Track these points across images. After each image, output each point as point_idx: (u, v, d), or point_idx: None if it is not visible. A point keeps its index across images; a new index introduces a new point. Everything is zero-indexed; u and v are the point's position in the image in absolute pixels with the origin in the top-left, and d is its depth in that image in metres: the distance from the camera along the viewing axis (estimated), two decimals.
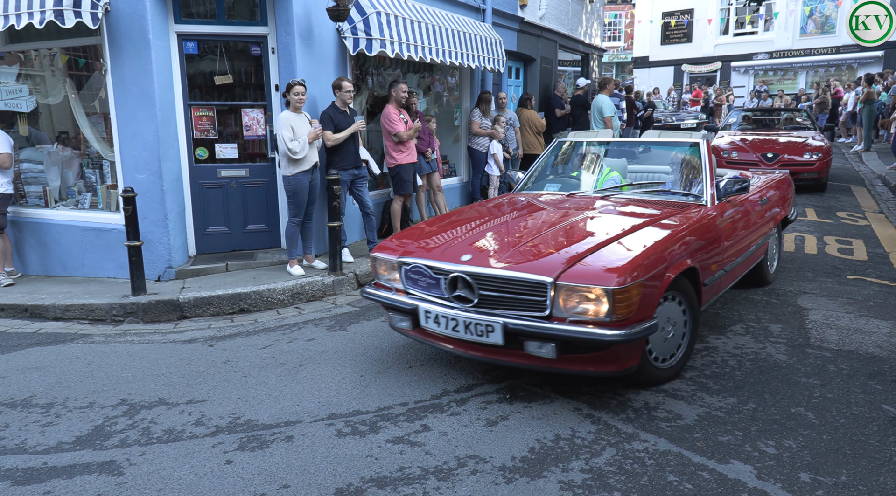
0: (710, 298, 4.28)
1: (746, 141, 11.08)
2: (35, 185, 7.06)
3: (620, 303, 3.21)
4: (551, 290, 3.30)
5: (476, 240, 3.92)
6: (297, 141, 5.92)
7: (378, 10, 6.83)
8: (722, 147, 10.85)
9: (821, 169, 10.18)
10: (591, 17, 15.88)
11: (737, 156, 10.57)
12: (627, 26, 36.31)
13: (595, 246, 3.58)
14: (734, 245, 4.47)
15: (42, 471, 3.13)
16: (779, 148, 10.57)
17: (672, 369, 3.80)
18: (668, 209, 4.27)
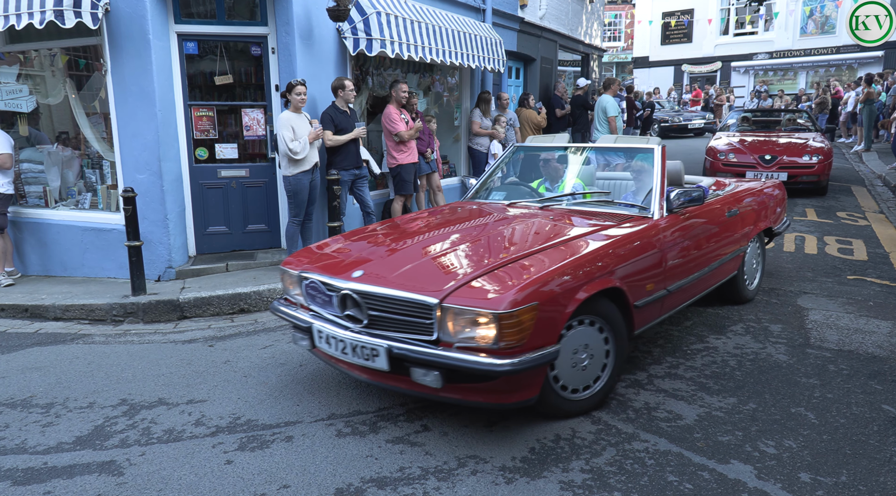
0: (648, 321, 3.87)
1: (745, 142, 10.79)
2: (35, 185, 7.06)
3: (509, 328, 2.89)
4: (437, 312, 3.00)
5: (380, 254, 3.63)
6: (298, 141, 5.92)
7: (378, 10, 6.83)
8: (719, 149, 10.64)
9: (821, 172, 9.89)
10: (592, 18, 15.89)
11: (734, 158, 10.32)
12: (627, 26, 36.32)
13: (499, 263, 3.25)
14: (685, 261, 4.10)
15: (42, 471, 3.13)
16: (777, 150, 10.28)
17: (588, 401, 3.42)
18: (606, 222, 3.92)
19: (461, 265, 3.33)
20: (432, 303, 3.00)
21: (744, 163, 10.14)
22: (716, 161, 10.44)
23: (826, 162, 9.95)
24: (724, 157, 10.40)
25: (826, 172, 9.98)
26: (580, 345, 3.33)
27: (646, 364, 4.14)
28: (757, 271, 5.44)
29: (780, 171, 9.82)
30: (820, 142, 10.56)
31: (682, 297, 4.22)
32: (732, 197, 4.95)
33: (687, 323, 4.89)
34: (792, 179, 9.76)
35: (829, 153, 10.12)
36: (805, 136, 11.09)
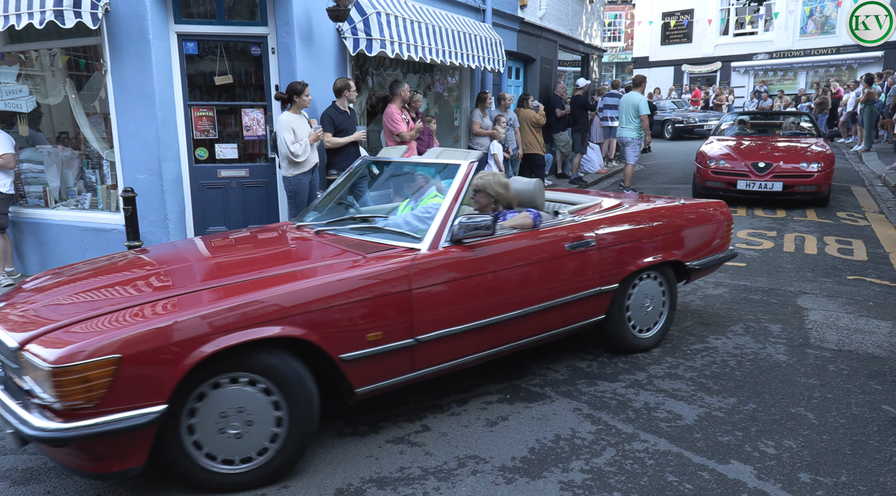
0: (382, 378, 3.15)
1: (738, 148, 10.00)
2: (35, 185, 7.06)
3: (67, 386, 2.38)
4: (20, 359, 2.56)
5: (60, 297, 3.05)
6: (299, 143, 5.92)
7: (378, 10, 6.83)
8: (709, 155, 9.89)
9: (820, 181, 9.03)
10: (591, 18, 15.89)
11: (725, 165, 9.57)
12: (627, 27, 36.32)
13: (129, 305, 2.75)
14: (467, 303, 3.36)
15: (42, 472, 3.13)
16: (773, 156, 9.48)
17: (254, 473, 2.85)
18: (354, 255, 3.27)
19: (90, 307, 2.80)
20: (12, 347, 2.58)
21: (735, 171, 9.36)
22: (705, 168, 9.72)
23: (827, 170, 9.10)
24: (714, 163, 9.64)
25: (827, 182, 9.15)
26: (231, 409, 2.74)
27: (645, 364, 4.14)
28: (658, 316, 4.41)
29: (775, 181, 9.05)
30: (821, 147, 9.81)
31: (468, 346, 3.44)
32: (586, 225, 3.95)
33: (686, 323, 4.89)
34: (788, 189, 9.06)
35: (831, 160, 9.31)
36: (806, 141, 10.38)
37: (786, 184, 8.98)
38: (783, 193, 9.08)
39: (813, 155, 9.33)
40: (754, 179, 9.14)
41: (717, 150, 10.02)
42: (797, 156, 9.38)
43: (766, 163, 9.22)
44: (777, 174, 9.09)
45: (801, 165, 9.07)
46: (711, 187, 9.60)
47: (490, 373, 4.06)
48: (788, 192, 9.07)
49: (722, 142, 10.56)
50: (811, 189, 9.05)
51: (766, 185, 9.05)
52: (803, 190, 9.05)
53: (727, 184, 9.34)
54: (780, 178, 9.05)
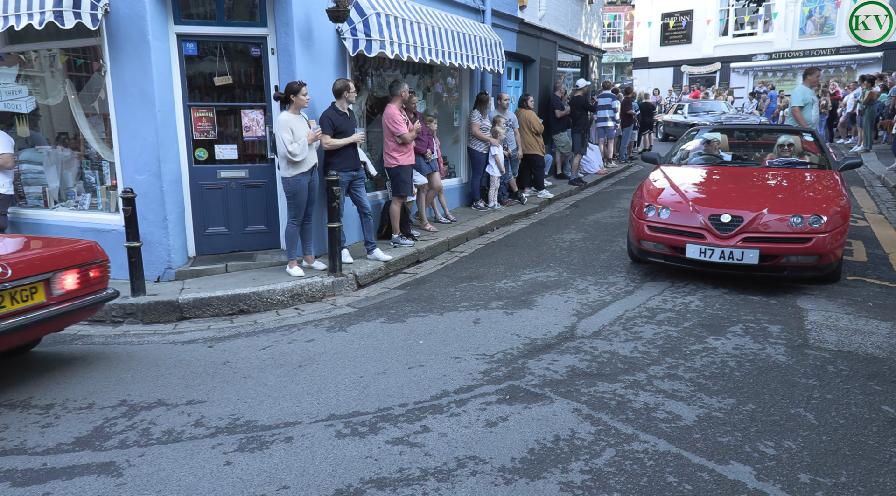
0: None
1: (697, 186, 6.36)
2: (34, 185, 7.06)
3: None
4: None
5: None
6: (297, 143, 5.92)
7: (378, 11, 6.84)
8: (648, 198, 6.21)
9: (825, 248, 5.40)
10: (591, 19, 15.90)
11: (669, 217, 5.85)
12: (627, 27, 36.34)
13: None
14: None
15: (41, 472, 3.13)
16: (748, 202, 5.79)
17: None
18: None
19: None
20: None
21: (683, 228, 5.76)
22: (639, 221, 6.04)
23: (837, 228, 5.50)
24: (654, 213, 5.96)
25: (833, 248, 5.47)
26: None
27: (645, 365, 4.14)
28: None
29: (748, 247, 5.45)
30: (829, 185, 6.13)
31: None
32: None
33: (686, 324, 4.89)
34: (769, 262, 5.47)
35: (845, 210, 5.70)
36: (806, 175, 6.54)
37: (765, 252, 5.45)
38: (761, 268, 5.51)
39: (815, 200, 5.78)
40: (714, 243, 5.56)
41: (665, 192, 6.26)
42: (788, 201, 5.79)
43: (734, 215, 5.61)
44: (751, 235, 5.51)
45: (791, 220, 5.50)
46: (649, 252, 6.01)
47: (489, 373, 4.06)
48: (770, 266, 5.52)
49: (674, 174, 6.73)
50: (809, 261, 5.43)
51: (734, 255, 5.48)
52: (796, 263, 5.46)
53: (671, 248, 5.79)
54: (756, 242, 5.48)
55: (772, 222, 5.55)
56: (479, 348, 4.52)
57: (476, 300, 5.68)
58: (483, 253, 7.54)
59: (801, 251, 5.43)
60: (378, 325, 5.12)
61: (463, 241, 8.07)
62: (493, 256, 7.33)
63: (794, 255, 5.45)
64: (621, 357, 4.28)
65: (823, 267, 5.52)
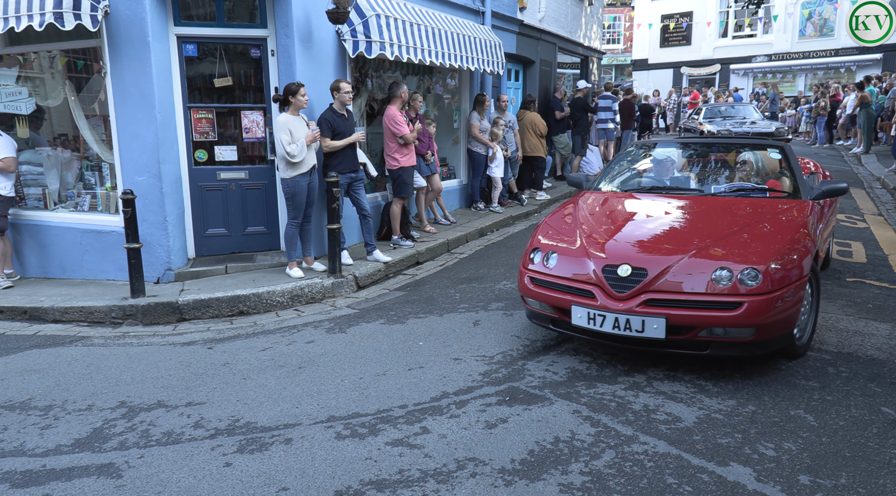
0: None
1: (608, 223, 4.60)
2: (34, 187, 7.06)
3: None
4: None
5: None
6: (296, 144, 5.92)
7: (377, 12, 6.84)
8: (538, 239, 4.58)
9: (760, 317, 3.69)
10: (591, 20, 15.91)
11: (556, 266, 4.23)
12: (627, 29, 36.38)
13: None
14: None
15: (41, 474, 3.12)
16: (662, 247, 4.11)
17: None
18: None
19: None
20: None
21: (571, 281, 4.11)
22: (523, 270, 4.46)
23: (784, 289, 3.78)
24: (541, 259, 4.34)
25: (779, 315, 3.76)
26: None
27: (645, 366, 4.14)
28: None
29: (648, 312, 3.79)
30: (788, 224, 4.35)
31: None
32: None
33: None
34: (681, 335, 3.81)
35: (800, 259, 3.98)
36: (759, 208, 4.63)
37: (675, 322, 3.75)
38: (670, 344, 3.87)
39: (757, 244, 4.03)
40: (606, 306, 3.88)
41: (560, 228, 4.68)
42: (720, 246, 4.02)
43: (636, 267, 3.93)
44: (656, 296, 3.82)
45: (715, 275, 3.79)
46: (535, 314, 4.45)
47: (489, 374, 4.06)
48: (684, 342, 3.85)
49: (588, 204, 5.04)
50: (741, 334, 3.75)
51: (630, 324, 3.81)
52: (723, 338, 3.77)
53: (557, 310, 4.16)
54: (663, 306, 3.79)
55: (687, 277, 3.79)
56: (478, 349, 4.52)
57: (476, 301, 5.67)
58: (483, 254, 7.54)
59: (727, 322, 3.65)
60: (378, 327, 5.12)
61: (463, 242, 8.07)
62: (492, 258, 7.33)
63: (718, 327, 3.69)
64: (621, 358, 4.27)
65: (765, 343, 3.79)
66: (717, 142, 6.65)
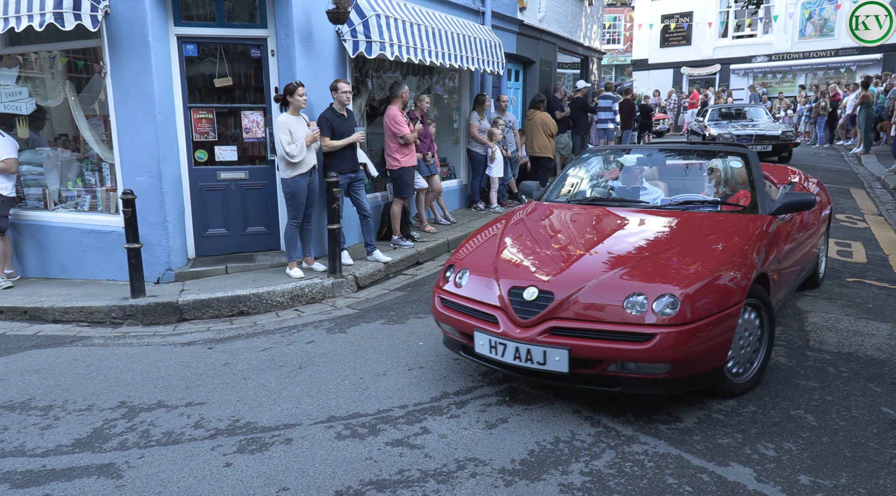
0: None
1: (531, 238, 4.16)
2: (35, 187, 7.06)
3: None
4: None
5: None
6: (295, 144, 5.92)
7: (377, 12, 6.84)
8: (468, 251, 4.18)
9: (673, 352, 3.18)
10: (591, 20, 15.92)
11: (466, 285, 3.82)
12: (627, 29, 36.38)
13: None
14: None
15: (41, 474, 3.12)
16: (577, 268, 3.60)
17: None
18: None
19: None
20: None
21: (477, 303, 3.69)
22: (436, 289, 4.06)
23: (708, 320, 3.27)
24: (454, 280, 3.92)
25: (699, 350, 3.26)
26: None
27: None
28: None
29: (553, 342, 3.31)
30: (731, 242, 3.79)
31: None
32: None
33: None
34: (588, 369, 3.34)
35: (735, 285, 3.46)
36: (701, 224, 4.14)
37: (579, 354, 3.30)
38: (573, 378, 3.40)
39: (684, 266, 3.54)
40: (508, 334, 3.45)
41: (483, 243, 4.25)
42: (641, 268, 3.56)
43: (544, 290, 3.48)
44: (561, 324, 3.37)
45: (628, 302, 3.32)
46: (448, 340, 4.02)
47: (489, 374, 4.06)
48: (592, 377, 3.39)
49: (524, 217, 4.60)
50: (654, 371, 3.27)
51: (532, 355, 3.37)
52: (634, 374, 3.31)
53: (464, 335, 3.75)
54: (567, 336, 3.34)
55: (596, 303, 3.33)
56: None
57: None
58: None
59: (637, 356, 3.18)
60: (378, 327, 5.12)
61: None
62: None
63: (630, 362, 3.23)
64: None
65: (685, 380, 3.32)
66: (676, 148, 5.81)
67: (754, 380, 3.72)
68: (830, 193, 10.50)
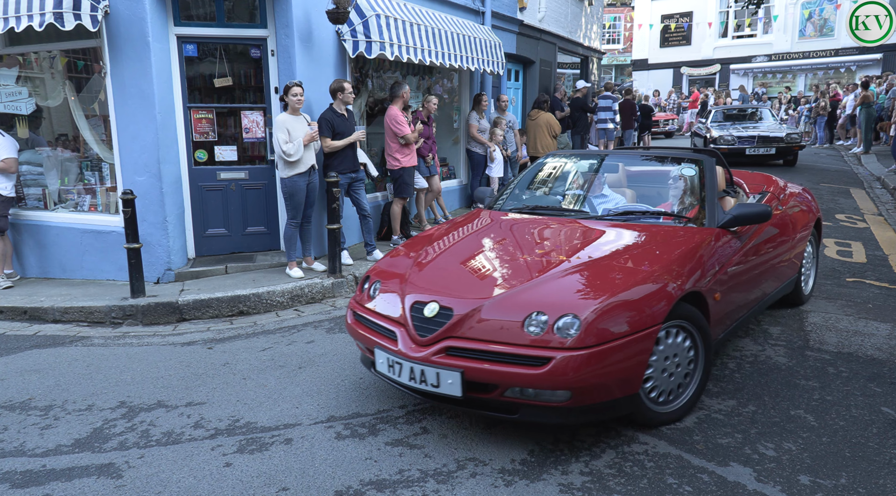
0: None
1: (452, 248, 3.96)
2: (34, 187, 7.06)
3: None
4: None
5: None
6: (292, 143, 5.92)
7: (377, 12, 6.84)
8: (390, 259, 3.97)
9: (571, 378, 2.87)
10: (591, 20, 15.92)
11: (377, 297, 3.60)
12: (627, 29, 36.39)
13: None
14: None
15: (41, 474, 3.12)
16: (486, 282, 3.39)
17: None
18: None
19: None
20: None
21: (382, 318, 3.46)
22: (351, 302, 3.85)
23: (615, 345, 2.96)
24: (367, 292, 3.70)
25: (591, 376, 2.91)
26: None
27: None
28: None
29: (447, 363, 3.04)
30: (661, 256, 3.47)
31: None
32: None
33: None
34: (483, 393, 3.06)
35: (647, 307, 3.11)
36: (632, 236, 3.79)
37: (472, 377, 3.01)
38: (468, 402, 3.15)
39: (599, 283, 3.25)
40: (404, 352, 3.21)
41: (408, 250, 4.05)
42: (551, 284, 3.25)
43: (445, 305, 3.20)
44: (457, 344, 3.08)
45: (529, 320, 3.01)
46: (363, 358, 3.81)
47: None
48: (488, 402, 3.13)
49: (459, 226, 4.42)
50: (553, 398, 2.98)
51: (426, 376, 3.12)
52: (533, 400, 3.02)
53: (367, 350, 3.56)
54: (461, 356, 3.05)
55: (496, 321, 3.06)
56: None
57: None
58: None
59: (532, 381, 2.90)
60: None
61: None
62: None
63: (528, 387, 2.95)
64: None
65: (589, 409, 3.05)
66: (633, 155, 5.29)
67: (685, 408, 3.40)
68: (830, 193, 10.52)
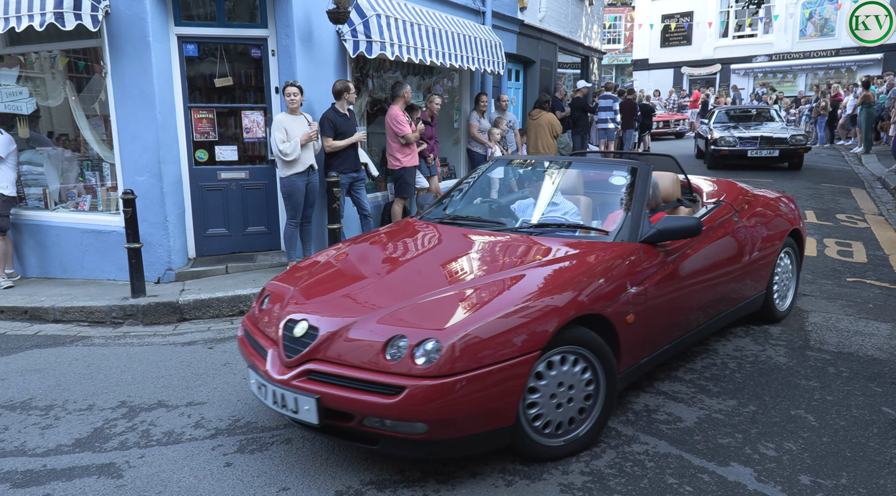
0: None
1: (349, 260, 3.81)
2: (35, 187, 7.06)
3: None
4: None
5: None
6: (289, 142, 5.92)
7: (378, 12, 6.84)
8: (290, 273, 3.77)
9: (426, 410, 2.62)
10: (591, 20, 15.92)
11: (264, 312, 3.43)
12: (627, 29, 36.38)
13: None
14: None
15: (41, 474, 3.12)
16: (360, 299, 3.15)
17: None
18: None
19: None
20: None
21: (259, 335, 3.30)
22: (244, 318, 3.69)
23: (457, 377, 2.64)
24: (257, 307, 3.54)
25: (448, 407, 2.65)
26: None
27: None
28: None
29: (304, 389, 2.84)
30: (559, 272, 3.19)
31: None
32: None
33: None
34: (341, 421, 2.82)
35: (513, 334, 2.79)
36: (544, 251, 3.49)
37: (329, 403, 2.78)
38: (327, 430, 2.93)
39: (475, 303, 2.91)
40: (269, 373, 3.01)
41: (309, 264, 3.84)
42: (435, 305, 2.96)
43: (313, 324, 2.99)
44: (319, 367, 2.87)
45: (390, 344, 2.77)
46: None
47: None
48: (349, 430, 2.87)
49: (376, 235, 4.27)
50: (409, 430, 2.70)
51: (286, 401, 2.90)
52: (390, 431, 2.73)
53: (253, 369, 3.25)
54: (319, 381, 2.85)
55: (357, 344, 2.85)
56: None
57: None
58: None
59: (383, 411, 2.68)
60: None
61: None
62: None
63: (382, 418, 2.71)
64: None
65: (453, 443, 2.79)
66: (574, 162, 4.65)
67: (583, 441, 3.10)
68: (831, 193, 10.53)
